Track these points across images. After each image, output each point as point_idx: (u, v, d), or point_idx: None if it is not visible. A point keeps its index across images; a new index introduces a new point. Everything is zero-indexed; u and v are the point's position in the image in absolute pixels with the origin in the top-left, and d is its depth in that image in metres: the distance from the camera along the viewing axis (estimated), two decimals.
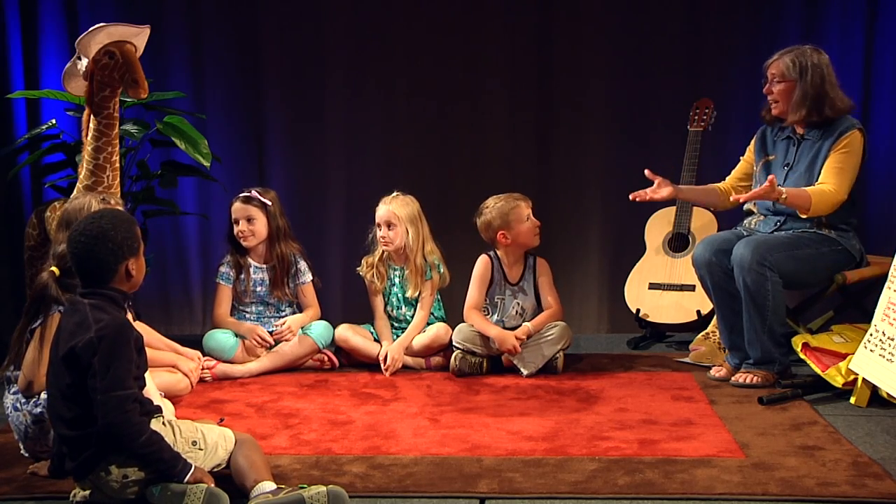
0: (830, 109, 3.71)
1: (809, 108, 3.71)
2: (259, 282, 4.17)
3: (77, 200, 3.15)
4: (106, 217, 2.60)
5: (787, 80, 3.76)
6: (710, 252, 3.79)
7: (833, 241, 3.73)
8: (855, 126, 3.72)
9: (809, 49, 3.77)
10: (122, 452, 2.51)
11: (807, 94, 3.71)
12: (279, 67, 4.88)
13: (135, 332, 2.58)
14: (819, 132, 3.75)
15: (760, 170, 3.91)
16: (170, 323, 4.95)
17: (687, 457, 2.94)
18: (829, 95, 3.72)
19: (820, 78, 3.72)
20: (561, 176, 4.90)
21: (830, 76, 3.74)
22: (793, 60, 3.74)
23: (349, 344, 4.12)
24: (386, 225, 4.12)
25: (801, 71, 3.72)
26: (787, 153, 3.84)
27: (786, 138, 3.86)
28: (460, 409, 3.49)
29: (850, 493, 2.66)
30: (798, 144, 3.80)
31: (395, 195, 4.16)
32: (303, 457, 2.98)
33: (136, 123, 4.29)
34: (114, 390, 2.47)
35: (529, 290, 4.12)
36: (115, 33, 3.59)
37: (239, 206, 4.13)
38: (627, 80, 4.82)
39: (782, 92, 3.78)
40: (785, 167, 3.82)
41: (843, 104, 3.74)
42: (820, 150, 3.73)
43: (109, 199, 3.22)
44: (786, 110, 3.79)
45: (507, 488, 2.72)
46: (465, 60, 4.86)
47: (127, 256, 2.57)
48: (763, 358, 3.70)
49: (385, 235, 4.12)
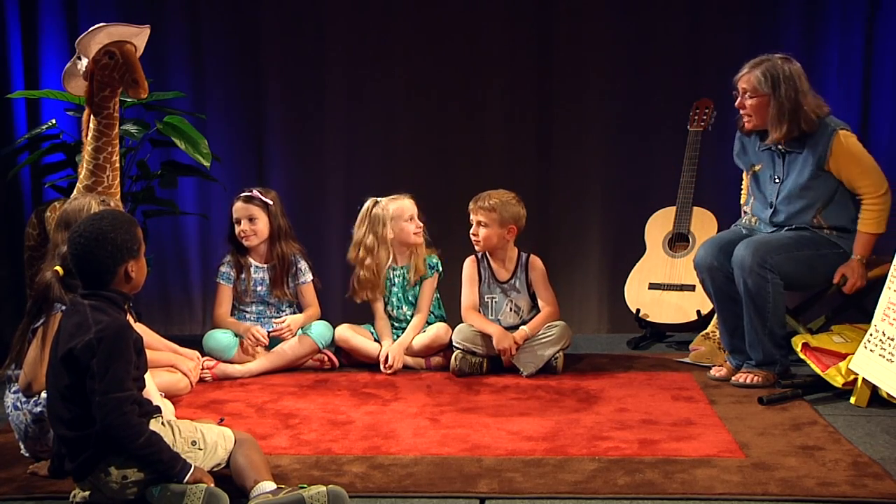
0: (806, 123, 3.63)
1: (790, 124, 3.63)
2: (259, 281, 4.17)
3: (77, 201, 3.15)
4: (106, 219, 2.60)
5: (759, 95, 3.67)
6: (712, 255, 3.77)
7: (833, 243, 3.71)
8: (837, 128, 3.64)
9: (780, 59, 3.67)
10: (122, 454, 2.51)
11: (783, 109, 3.62)
12: (279, 67, 4.88)
13: (134, 334, 2.58)
14: (801, 143, 3.68)
15: (751, 179, 3.89)
16: (170, 323, 4.95)
17: (687, 457, 2.94)
18: (804, 108, 3.63)
19: (794, 91, 3.62)
20: (561, 176, 4.90)
21: (803, 86, 3.65)
22: (764, 74, 3.65)
23: (349, 344, 4.12)
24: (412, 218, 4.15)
25: (773, 85, 3.63)
26: (775, 166, 3.77)
27: (767, 149, 3.79)
28: (460, 409, 3.49)
29: (850, 493, 2.66)
30: (783, 156, 3.74)
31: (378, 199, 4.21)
32: (303, 457, 2.98)
33: (136, 123, 4.29)
34: (112, 392, 2.47)
35: (522, 287, 4.11)
36: (115, 33, 3.59)
37: (241, 205, 4.13)
38: (627, 80, 4.82)
39: (755, 107, 3.70)
40: (775, 181, 3.77)
41: (818, 112, 3.66)
42: (807, 161, 3.67)
43: (109, 201, 3.22)
44: (759, 124, 3.73)
45: (507, 488, 2.72)
46: (466, 60, 4.86)
47: (126, 258, 2.57)
48: (765, 360, 3.70)
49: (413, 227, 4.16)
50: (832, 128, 3.64)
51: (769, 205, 3.79)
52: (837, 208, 3.71)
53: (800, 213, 3.72)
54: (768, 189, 3.79)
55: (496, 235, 4.03)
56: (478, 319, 4.03)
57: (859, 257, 3.66)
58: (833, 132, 3.63)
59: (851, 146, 3.66)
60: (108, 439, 2.48)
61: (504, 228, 4.02)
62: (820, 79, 4.51)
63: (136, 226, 2.64)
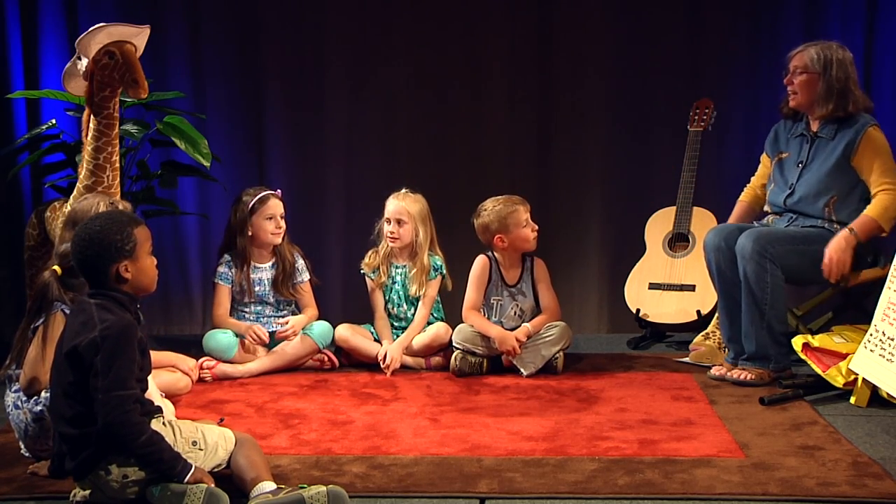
0: (854, 105, 3.71)
1: (836, 103, 3.71)
2: (258, 281, 4.17)
3: (86, 201, 3.16)
4: (99, 219, 2.62)
5: (809, 73, 3.75)
6: (721, 237, 3.80)
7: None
8: (869, 123, 3.71)
9: (835, 45, 3.77)
10: (123, 452, 2.51)
11: (832, 89, 3.71)
12: (279, 67, 4.87)
13: (139, 334, 2.59)
14: (833, 130, 3.75)
15: (775, 167, 3.92)
16: (170, 323, 4.95)
17: (687, 457, 2.94)
18: (854, 92, 3.72)
19: (844, 74, 3.72)
20: (561, 176, 4.90)
21: (853, 74, 3.75)
22: (818, 53, 3.74)
23: (349, 344, 4.12)
24: (396, 221, 4.12)
25: (825, 65, 3.72)
26: (801, 151, 3.84)
27: (799, 135, 3.86)
28: (460, 409, 3.49)
29: (850, 493, 2.66)
30: (812, 142, 3.80)
31: (405, 192, 4.16)
32: (303, 457, 2.98)
33: (136, 123, 4.29)
34: (115, 390, 2.47)
35: (528, 291, 4.11)
36: (115, 33, 3.59)
37: (278, 202, 4.13)
38: (627, 79, 4.82)
39: (803, 84, 3.76)
40: (799, 165, 3.82)
41: (864, 103, 3.75)
42: (835, 150, 3.73)
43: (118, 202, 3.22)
44: (804, 102, 3.79)
45: (507, 488, 2.72)
46: (466, 60, 4.86)
47: (117, 259, 2.56)
48: (757, 353, 3.70)
49: (394, 231, 4.12)
50: (865, 121, 3.72)
51: (788, 186, 3.83)
52: (850, 205, 3.74)
53: (814, 198, 3.76)
54: (791, 173, 3.83)
55: (495, 247, 4.08)
56: (478, 320, 4.03)
57: (853, 230, 3.62)
58: (865, 125, 3.71)
59: (879, 142, 3.71)
60: (110, 437, 2.49)
61: (491, 239, 4.04)
62: None
63: (132, 226, 2.61)
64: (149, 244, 2.64)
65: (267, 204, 4.11)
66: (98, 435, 2.49)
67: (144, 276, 2.63)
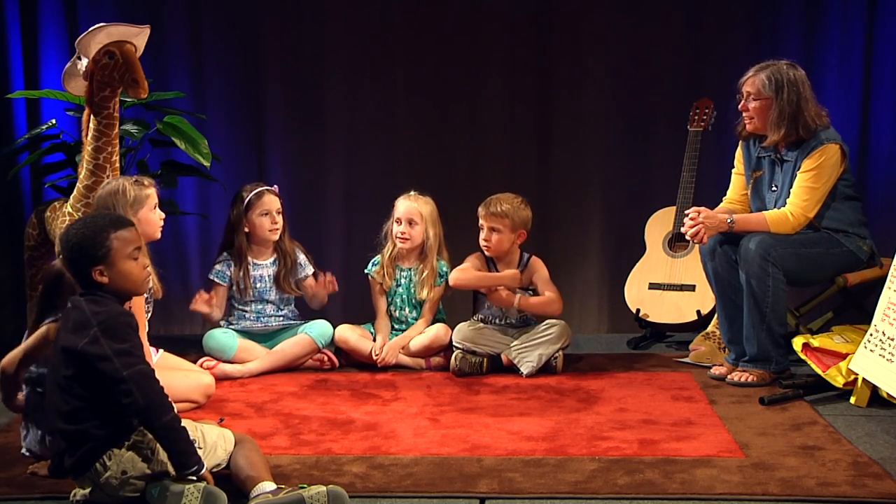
0: (804, 129, 3.67)
1: (788, 128, 3.67)
2: (259, 278, 4.17)
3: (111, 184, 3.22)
4: (80, 223, 2.65)
5: (762, 98, 3.71)
6: (717, 240, 3.79)
7: (839, 242, 3.73)
8: (828, 140, 3.67)
9: (785, 65, 3.72)
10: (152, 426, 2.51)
11: (784, 113, 3.67)
12: (279, 67, 4.88)
13: (132, 319, 2.60)
14: (795, 152, 3.72)
15: (752, 188, 3.90)
16: (170, 323, 4.94)
17: (687, 457, 2.94)
18: (804, 114, 3.67)
19: (796, 95, 3.66)
20: (561, 176, 4.90)
21: (806, 92, 3.69)
22: (768, 77, 3.69)
23: (349, 344, 4.12)
24: (407, 221, 4.11)
25: (776, 88, 3.68)
26: (773, 174, 3.82)
27: (767, 155, 3.83)
28: (460, 409, 3.49)
29: (850, 493, 2.66)
30: (781, 165, 3.78)
31: (415, 193, 4.16)
32: (303, 457, 2.98)
33: (136, 123, 4.29)
34: (136, 365, 2.49)
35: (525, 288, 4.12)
36: (115, 33, 3.60)
37: (273, 198, 4.13)
38: (628, 80, 4.82)
39: (758, 109, 3.74)
40: (773, 189, 3.81)
41: (817, 121, 3.69)
42: (794, 169, 3.71)
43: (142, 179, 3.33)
44: (760, 127, 3.76)
45: (507, 488, 2.72)
46: (466, 60, 4.86)
47: (91, 265, 2.57)
48: (759, 355, 3.70)
49: (405, 231, 4.11)
50: (825, 138, 3.68)
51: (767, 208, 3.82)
52: (832, 212, 3.74)
53: None
54: (768, 196, 3.82)
55: (508, 241, 4.04)
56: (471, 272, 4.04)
57: (733, 223, 3.66)
58: (821, 143, 3.67)
59: (827, 160, 3.66)
60: (148, 410, 2.48)
61: (515, 234, 4.03)
62: (820, 79, 4.51)
63: (110, 231, 2.59)
64: (131, 248, 2.61)
65: (262, 199, 4.11)
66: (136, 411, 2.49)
67: (125, 280, 2.61)
